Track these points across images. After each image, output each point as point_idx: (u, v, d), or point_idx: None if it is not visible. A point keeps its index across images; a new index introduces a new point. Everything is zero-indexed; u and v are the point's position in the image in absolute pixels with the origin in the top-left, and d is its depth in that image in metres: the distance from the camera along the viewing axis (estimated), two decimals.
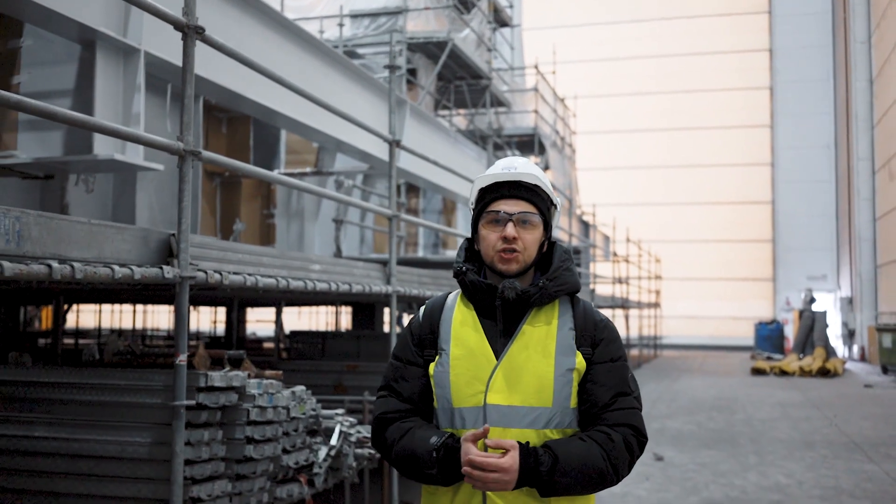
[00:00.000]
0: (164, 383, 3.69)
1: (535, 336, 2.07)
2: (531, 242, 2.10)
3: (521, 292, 2.06)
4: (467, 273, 2.12)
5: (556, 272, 2.12)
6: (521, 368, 2.03)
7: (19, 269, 2.71)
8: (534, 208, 2.12)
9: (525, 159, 2.19)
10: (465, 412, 2.03)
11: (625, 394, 2.09)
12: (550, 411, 2.02)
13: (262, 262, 4.33)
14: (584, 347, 2.09)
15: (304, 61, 8.07)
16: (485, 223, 2.13)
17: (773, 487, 7.16)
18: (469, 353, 2.06)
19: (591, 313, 2.15)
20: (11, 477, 3.81)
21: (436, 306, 2.20)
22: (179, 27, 3.65)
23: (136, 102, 5.38)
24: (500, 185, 2.13)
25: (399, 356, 2.18)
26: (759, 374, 19.76)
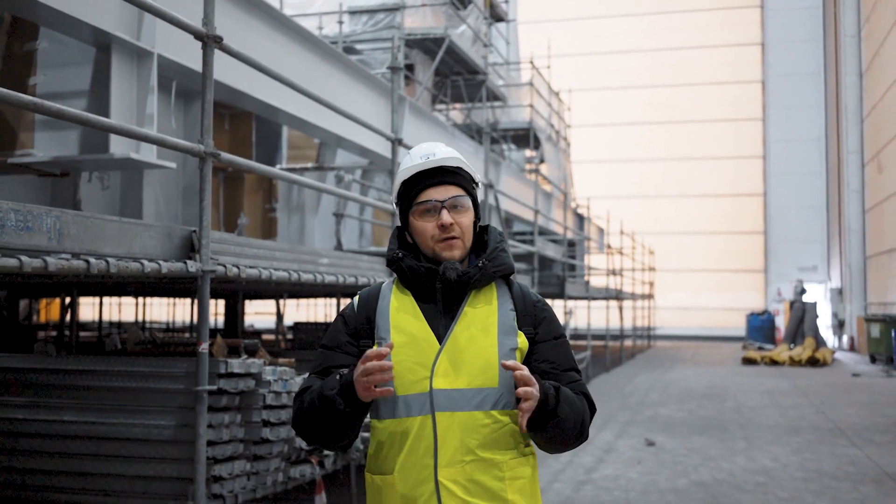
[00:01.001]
0: (186, 370, 3.95)
1: (477, 317, 2.05)
2: (466, 225, 2.10)
3: (462, 273, 2.05)
4: (404, 259, 2.09)
5: (494, 252, 2.11)
6: (465, 350, 2.01)
7: (61, 265, 2.97)
8: (462, 191, 2.11)
9: (441, 144, 2.18)
10: (411, 399, 2.00)
11: (573, 369, 2.13)
12: (497, 391, 2.00)
13: (274, 256, 4.59)
14: (526, 327, 2.10)
15: (307, 60, 8.28)
16: (417, 214, 2.10)
17: (759, 470, 7.46)
18: (411, 340, 2.03)
19: (528, 294, 2.16)
20: (43, 458, 4.08)
21: (371, 295, 2.16)
22: (200, 37, 3.90)
23: (150, 103, 5.62)
24: (423, 174, 2.11)
25: (329, 345, 2.14)
26: (749, 364, 20.09)
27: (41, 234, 2.95)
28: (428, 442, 1.98)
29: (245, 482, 4.07)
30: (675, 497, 6.51)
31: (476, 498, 1.97)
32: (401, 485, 1.99)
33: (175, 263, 3.60)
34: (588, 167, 31.55)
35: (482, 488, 1.97)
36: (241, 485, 4.04)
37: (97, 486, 4.01)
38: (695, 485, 6.93)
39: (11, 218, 2.82)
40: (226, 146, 9.55)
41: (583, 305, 21.46)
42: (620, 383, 15.25)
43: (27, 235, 2.88)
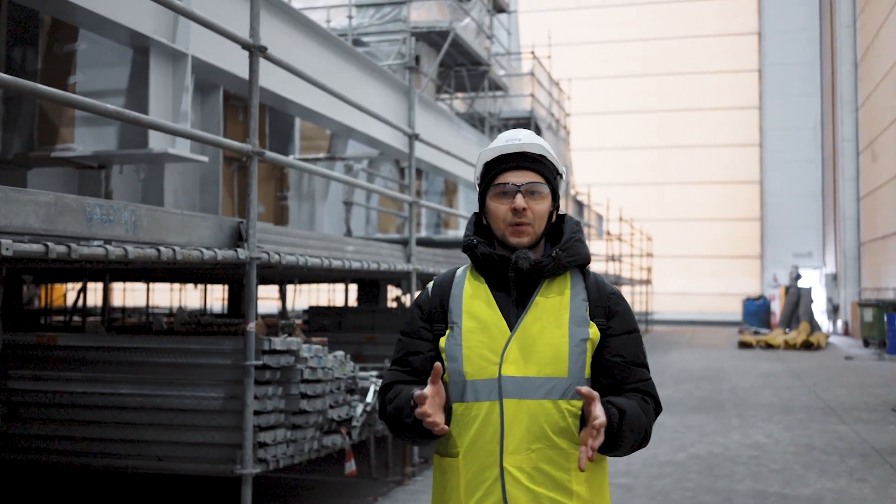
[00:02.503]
0: (233, 347, 4.36)
1: (549, 307, 2.05)
2: (540, 213, 2.08)
3: (535, 263, 2.05)
4: (478, 245, 2.10)
5: (569, 243, 2.10)
6: (536, 339, 2.02)
7: (138, 253, 3.38)
8: (541, 178, 2.09)
9: (528, 131, 2.16)
10: (479, 385, 2.01)
11: (642, 365, 2.13)
12: (566, 381, 2.00)
13: (308, 244, 5.01)
14: (598, 318, 2.08)
15: (321, 55, 8.64)
16: (493, 196, 2.10)
17: (752, 445, 7.91)
18: (482, 326, 2.04)
19: (602, 285, 2.15)
20: (101, 428, 4.50)
21: (445, 281, 2.17)
22: (246, 47, 4.29)
23: (185, 101, 6.01)
24: (506, 157, 2.10)
25: (407, 332, 2.17)
26: (745, 348, 20.56)
27: (120, 225, 3.36)
28: (495, 428, 1.98)
29: (285, 449, 4.50)
30: (673, 468, 6.95)
31: (540, 486, 1.97)
32: (465, 468, 2.01)
33: (227, 251, 4.01)
34: (588, 155, 31.95)
35: (547, 477, 1.98)
36: (281, 451, 4.46)
37: (152, 452, 4.43)
38: (692, 457, 7.37)
39: (97, 212, 3.23)
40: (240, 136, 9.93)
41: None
42: None
43: (109, 227, 3.29)
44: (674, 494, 6.12)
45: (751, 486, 6.35)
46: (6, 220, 2.79)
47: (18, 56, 6.48)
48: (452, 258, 7.83)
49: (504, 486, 1.97)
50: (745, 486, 6.37)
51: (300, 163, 5.10)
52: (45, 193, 3.03)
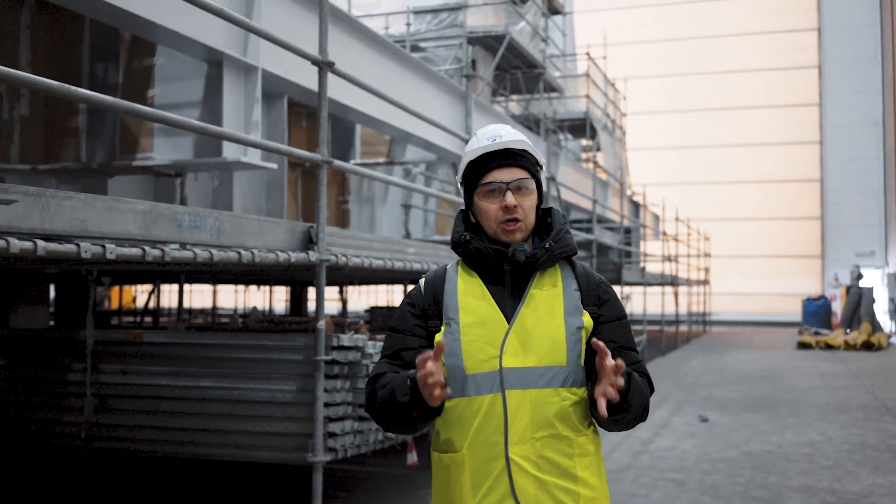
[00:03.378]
0: (304, 343, 4.69)
1: (543, 298, 2.10)
2: (530, 208, 2.13)
3: (530, 255, 2.09)
4: (471, 241, 2.13)
5: (560, 234, 2.15)
6: (533, 330, 2.06)
7: (222, 256, 3.71)
8: (526, 174, 2.14)
9: (507, 126, 2.20)
10: (480, 378, 2.03)
11: (633, 349, 2.18)
12: (566, 370, 2.05)
13: (372, 246, 5.31)
14: (590, 307, 2.14)
15: (383, 64, 8.97)
16: (481, 195, 2.13)
17: (806, 443, 8.00)
18: (480, 320, 2.07)
19: (591, 274, 2.21)
20: (184, 418, 4.86)
21: (437, 277, 2.20)
22: (316, 63, 4.61)
23: (256, 112, 6.38)
24: (490, 155, 2.14)
25: (398, 328, 2.17)
26: (804, 349, 20.37)
27: (206, 231, 3.69)
28: (498, 420, 2.01)
29: (352, 439, 4.80)
30: (725, 465, 7.10)
31: (547, 474, 2.01)
32: (470, 462, 2.03)
33: (299, 254, 4.33)
34: (644, 154, 31.85)
35: (552, 464, 2.02)
36: (349, 441, 4.77)
37: (230, 441, 4.78)
38: (744, 455, 7.50)
39: (186, 219, 3.56)
40: (303, 142, 10.33)
41: (639, 291, 21.88)
42: (676, 366, 15.76)
43: (197, 232, 3.62)
44: (725, 489, 6.28)
45: (801, 482, 6.47)
46: (109, 227, 3.13)
47: (101, 71, 6.92)
48: None
49: (511, 476, 2.00)
50: (795, 481, 6.50)
51: (365, 170, 5.41)
52: (141, 202, 3.37)
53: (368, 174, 5.53)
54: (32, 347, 5.43)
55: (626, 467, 7.01)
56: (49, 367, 5.23)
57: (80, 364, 5.04)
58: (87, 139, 6.86)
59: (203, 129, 4.11)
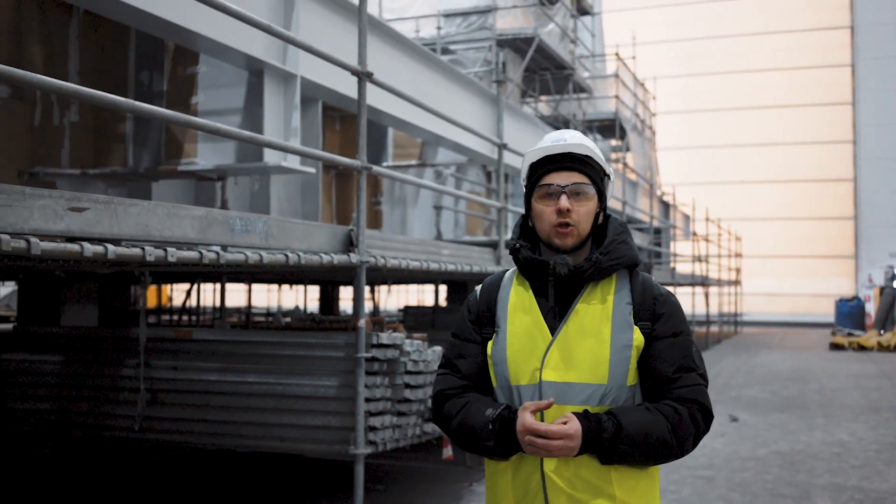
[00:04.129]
0: (346, 341, 4.90)
1: (591, 312, 2.03)
2: (585, 214, 2.06)
3: (574, 268, 2.03)
4: (520, 250, 2.10)
5: (611, 245, 2.07)
6: (576, 345, 2.00)
7: (271, 258, 3.93)
8: (586, 179, 2.08)
9: (575, 131, 2.16)
10: (522, 390, 2.03)
11: (689, 369, 2.06)
12: (605, 388, 1.99)
13: (408, 248, 5.51)
14: (643, 322, 2.05)
15: (414, 69, 9.16)
16: (538, 198, 2.09)
17: (835, 443, 8.08)
18: (524, 331, 2.05)
19: (650, 287, 2.11)
20: (232, 412, 5.10)
21: (493, 284, 2.18)
22: (355, 73, 4.81)
23: (295, 118, 6.60)
24: (552, 158, 2.10)
25: (457, 334, 2.19)
26: (837, 349, 20.29)
27: (255, 234, 3.91)
28: None
29: (391, 433, 5.00)
30: (754, 464, 7.21)
31: (580, 492, 1.97)
32: (512, 473, 2.04)
33: (341, 255, 4.54)
34: (674, 154, 31.80)
35: (586, 483, 1.97)
36: (388, 435, 4.97)
37: (275, 434, 5.01)
38: (774, 454, 7.61)
39: (237, 223, 3.78)
40: (337, 145, 10.57)
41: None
42: (707, 366, 15.73)
43: (247, 236, 3.84)
44: (753, 486, 6.41)
45: (829, 480, 6.58)
46: (170, 232, 3.36)
47: (146, 79, 7.19)
48: None
49: (546, 491, 1.98)
50: (823, 480, 6.61)
51: (404, 175, 5.61)
52: (197, 209, 3.59)
53: (407, 179, 5.74)
54: (86, 344, 5.70)
55: None
56: (103, 363, 5.49)
57: (133, 360, 5.29)
58: (133, 144, 7.14)
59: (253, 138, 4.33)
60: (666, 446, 1.97)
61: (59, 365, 5.63)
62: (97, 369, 5.51)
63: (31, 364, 5.78)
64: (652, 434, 1.95)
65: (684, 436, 2.00)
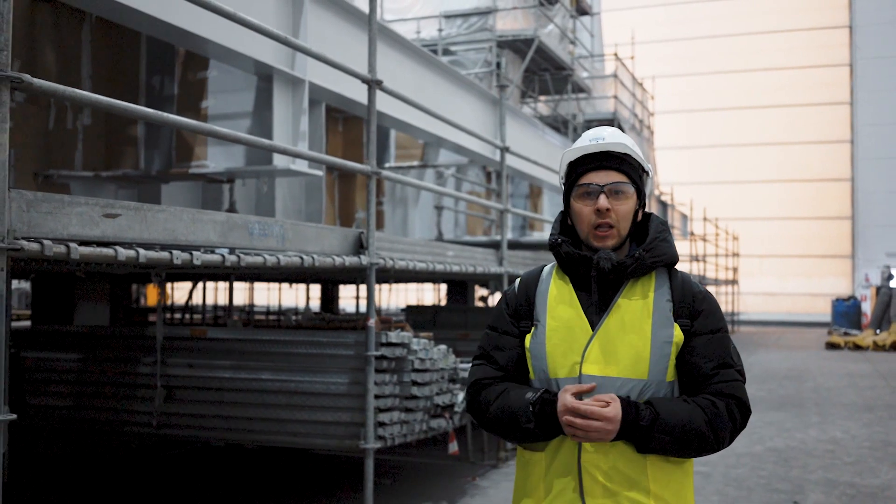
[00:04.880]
0: (355, 340, 5.07)
1: (632, 308, 2.05)
2: (624, 213, 2.07)
3: (617, 263, 2.05)
4: (562, 245, 2.11)
5: (653, 243, 2.09)
6: (617, 340, 2.02)
7: (287, 260, 4.10)
8: (625, 177, 2.08)
9: (613, 128, 2.16)
10: (562, 383, 2.03)
11: (727, 366, 2.07)
12: (645, 383, 2.01)
13: (415, 250, 5.69)
14: (682, 319, 2.07)
15: (417, 72, 9.32)
16: (576, 197, 2.09)
17: (829, 440, 8.27)
18: (565, 325, 2.06)
19: (689, 285, 2.13)
20: (245, 408, 5.27)
21: (531, 278, 2.20)
22: (365, 81, 4.99)
23: (303, 122, 6.77)
24: (589, 157, 2.10)
25: (495, 326, 2.20)
26: (833, 349, 20.49)
27: (272, 238, 4.08)
28: None
29: (400, 428, 5.18)
30: (750, 459, 7.40)
31: (617, 485, 1.99)
32: (547, 464, 2.06)
33: (352, 258, 4.72)
34: (671, 153, 31.98)
35: (623, 476, 1.99)
36: (397, 430, 5.15)
37: (288, 429, 5.18)
38: (769, 450, 7.80)
39: (256, 227, 3.96)
40: (340, 146, 10.73)
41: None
42: None
43: (265, 239, 4.02)
44: (749, 481, 6.59)
45: (822, 476, 6.77)
46: (194, 236, 3.53)
47: (157, 83, 7.35)
48: (539, 260, 8.43)
49: (582, 483, 2.00)
50: (817, 475, 6.79)
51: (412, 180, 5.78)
52: (219, 214, 3.76)
53: (418, 184, 5.92)
54: (102, 343, 5.87)
55: None
56: (120, 360, 5.67)
57: (150, 358, 5.47)
58: (145, 147, 7.30)
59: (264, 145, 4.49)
60: (703, 438, 1.99)
61: (77, 362, 5.80)
62: (114, 367, 5.68)
63: (48, 361, 5.95)
64: (689, 425, 1.97)
65: (721, 428, 2.01)
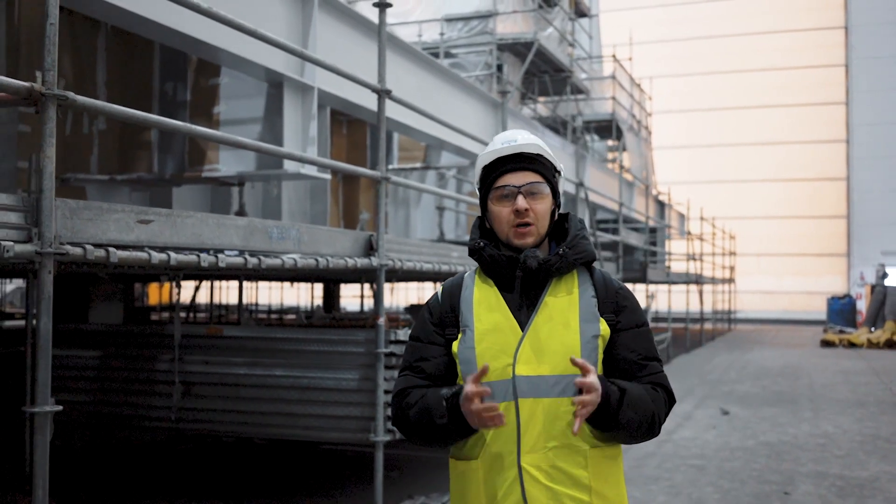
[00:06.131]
0: (366, 337, 5.32)
1: (558, 305, 2.08)
2: (542, 212, 2.11)
3: (543, 261, 2.07)
4: (485, 248, 2.12)
5: (574, 240, 2.13)
6: (547, 338, 2.04)
7: (304, 262, 4.34)
8: (540, 178, 2.12)
9: (523, 131, 2.19)
10: (494, 386, 2.00)
11: (654, 358, 2.14)
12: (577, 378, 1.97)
13: (421, 251, 5.93)
14: (608, 314, 2.11)
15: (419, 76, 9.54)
16: (494, 200, 2.12)
17: (820, 434, 8.53)
18: (494, 328, 2.06)
19: (610, 281, 2.18)
20: (260, 403, 5.52)
21: (454, 285, 2.20)
22: (375, 91, 5.23)
23: (312, 128, 7.01)
24: (504, 159, 2.13)
25: (418, 336, 2.18)
26: (828, 346, 20.77)
27: (289, 241, 4.32)
28: (511, 428, 2.00)
29: None
30: (743, 453, 7.65)
31: (558, 484, 2.00)
32: (484, 470, 2.04)
33: (363, 259, 4.96)
34: (669, 153, 32.25)
35: (564, 475, 2.00)
36: None
37: (301, 423, 5.43)
38: (762, 444, 8.05)
39: (275, 231, 4.20)
40: (344, 149, 10.96)
41: (663, 290, 22.36)
42: (700, 363, 16.27)
43: (283, 243, 4.26)
44: (742, 474, 6.84)
45: (813, 469, 7.02)
46: (219, 240, 3.77)
47: (170, 90, 7.59)
48: None
49: (523, 485, 1.99)
50: (807, 468, 7.05)
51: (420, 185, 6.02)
52: (240, 219, 4.00)
53: (426, 189, 6.14)
54: (122, 341, 6.12)
55: (650, 455, 7.58)
56: (139, 358, 5.91)
57: (168, 355, 5.71)
58: (158, 152, 7.54)
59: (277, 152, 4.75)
60: (653, 419, 2.06)
61: (97, 359, 6.04)
62: (133, 364, 5.93)
63: (70, 359, 6.19)
64: (645, 404, 2.04)
65: (660, 413, 2.09)
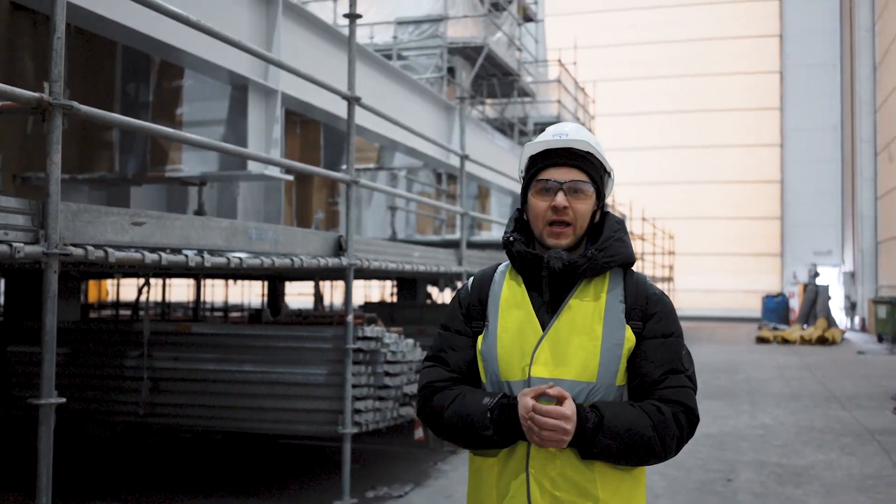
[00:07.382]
0: (333, 334, 5.51)
1: (583, 309, 1.99)
2: (582, 213, 2.00)
3: (569, 263, 1.98)
4: (514, 243, 2.05)
5: (607, 242, 2.02)
6: (567, 342, 1.96)
7: (281, 262, 4.53)
8: (585, 176, 2.02)
9: (577, 125, 2.08)
10: (513, 385, 1.98)
11: (677, 371, 2.00)
12: (594, 386, 1.95)
13: (387, 251, 6.15)
14: (634, 321, 2.01)
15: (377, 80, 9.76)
16: (534, 192, 2.03)
17: (759, 426, 8.99)
18: (516, 326, 2.01)
19: (643, 286, 2.07)
20: (229, 398, 5.67)
21: (485, 277, 2.13)
22: (345, 97, 5.43)
23: (276, 130, 7.16)
24: (551, 152, 2.03)
25: (448, 326, 2.14)
26: (763, 343, 21.53)
27: (266, 242, 4.51)
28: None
29: (374, 415, 5.64)
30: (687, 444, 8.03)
31: (563, 492, 1.94)
32: (499, 469, 2.00)
33: (333, 259, 5.16)
34: (613, 155, 32.43)
35: (570, 483, 1.94)
36: (371, 417, 5.61)
37: (270, 417, 5.60)
38: (705, 435, 8.45)
39: (254, 233, 4.38)
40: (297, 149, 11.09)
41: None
42: None
43: (260, 243, 4.44)
44: (687, 463, 7.22)
45: (754, 458, 7.43)
46: (205, 241, 3.95)
47: (132, 91, 7.66)
48: (494, 259, 8.95)
49: (529, 490, 1.95)
50: (748, 457, 7.46)
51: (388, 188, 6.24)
52: (224, 221, 4.18)
53: (394, 192, 6.36)
54: (89, 337, 6.20)
55: None
56: (107, 354, 6.01)
57: (136, 352, 5.83)
58: (120, 151, 7.60)
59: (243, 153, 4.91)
60: (648, 445, 1.93)
61: (65, 356, 6.11)
62: (101, 360, 6.02)
63: (34, 355, 6.24)
64: (634, 429, 1.91)
65: (667, 436, 1.95)
